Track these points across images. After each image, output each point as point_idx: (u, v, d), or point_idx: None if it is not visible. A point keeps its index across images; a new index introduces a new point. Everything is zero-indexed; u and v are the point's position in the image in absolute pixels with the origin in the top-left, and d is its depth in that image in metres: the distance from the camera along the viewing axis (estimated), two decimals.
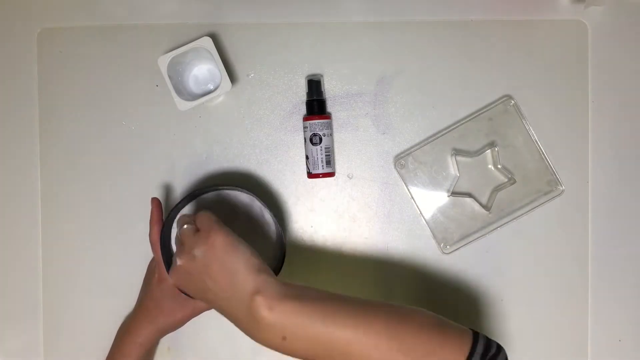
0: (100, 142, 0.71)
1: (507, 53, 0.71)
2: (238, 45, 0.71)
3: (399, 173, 0.70)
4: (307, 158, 0.69)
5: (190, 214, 0.58)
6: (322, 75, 0.71)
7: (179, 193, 0.71)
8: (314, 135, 0.68)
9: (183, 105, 0.65)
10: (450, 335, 0.49)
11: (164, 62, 0.64)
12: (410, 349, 0.47)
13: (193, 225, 0.55)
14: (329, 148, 0.68)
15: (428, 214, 0.70)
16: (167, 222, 0.62)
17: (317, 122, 0.68)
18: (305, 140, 0.69)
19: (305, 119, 0.69)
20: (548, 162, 0.70)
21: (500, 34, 0.71)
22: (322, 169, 0.68)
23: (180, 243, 0.55)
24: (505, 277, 0.71)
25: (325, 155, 0.68)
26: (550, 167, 0.70)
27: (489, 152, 0.70)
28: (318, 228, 0.71)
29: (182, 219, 0.56)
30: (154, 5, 0.71)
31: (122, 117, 0.71)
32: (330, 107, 0.71)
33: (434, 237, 0.70)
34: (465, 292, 0.71)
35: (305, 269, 0.71)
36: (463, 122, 0.70)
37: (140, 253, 0.68)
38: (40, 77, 0.71)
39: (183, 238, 0.55)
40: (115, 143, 0.71)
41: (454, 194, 0.70)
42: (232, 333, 0.70)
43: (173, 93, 0.64)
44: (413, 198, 0.70)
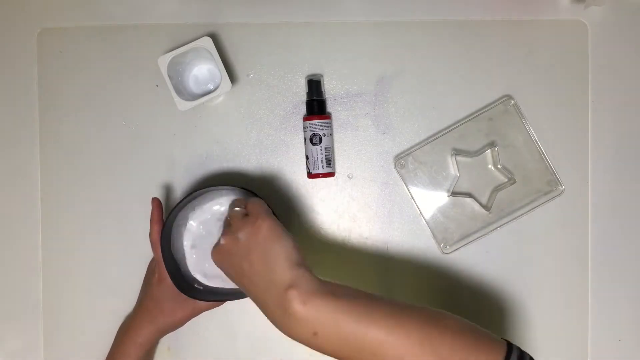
0: (100, 142, 0.71)
1: (507, 53, 0.71)
2: (238, 45, 0.71)
3: (399, 173, 0.70)
4: (307, 158, 0.69)
5: (243, 198, 0.58)
6: (322, 75, 0.71)
7: (179, 193, 0.71)
8: (314, 135, 0.68)
9: (183, 105, 0.65)
10: (485, 344, 0.48)
11: (164, 62, 0.64)
12: (443, 356, 0.46)
13: (243, 209, 0.55)
14: (329, 148, 0.68)
15: (428, 214, 0.70)
16: (167, 222, 0.62)
17: (317, 122, 0.68)
18: (305, 140, 0.69)
19: (305, 119, 0.69)
20: (548, 162, 0.70)
21: (500, 34, 0.71)
22: (322, 169, 0.68)
23: (228, 224, 0.56)
24: (505, 277, 0.71)
25: (325, 155, 0.68)
26: (550, 167, 0.70)
27: (489, 152, 0.70)
28: (318, 228, 0.71)
29: (234, 202, 0.57)
30: (154, 5, 0.71)
31: (122, 117, 0.71)
32: (330, 107, 0.71)
33: (434, 237, 0.70)
34: (465, 292, 0.71)
35: None
36: (463, 122, 0.70)
37: (140, 253, 0.68)
38: (40, 77, 0.71)
39: (232, 219, 0.55)
40: (115, 143, 0.71)
41: (454, 194, 0.70)
42: (232, 333, 0.71)
43: (173, 93, 0.64)
44: (413, 198, 0.70)
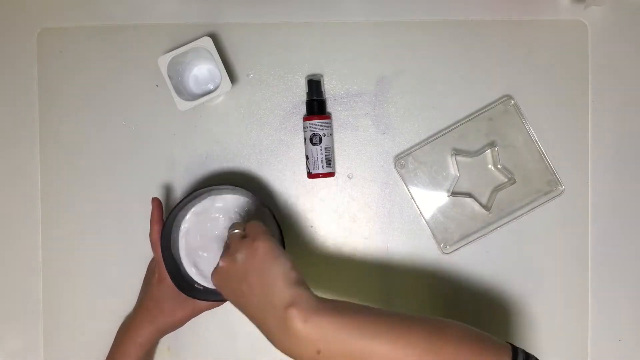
0: (100, 142, 0.71)
1: (507, 53, 0.71)
2: (238, 45, 0.71)
3: (399, 173, 0.70)
4: (307, 158, 0.69)
5: (242, 223, 0.59)
6: (322, 75, 0.71)
7: (179, 193, 0.71)
8: (314, 135, 0.68)
9: (183, 105, 0.65)
10: (489, 350, 0.48)
11: (164, 62, 0.64)
12: None
13: (242, 232, 0.56)
14: (329, 148, 0.68)
15: (428, 214, 0.70)
16: (167, 222, 0.62)
17: (317, 122, 0.68)
18: (305, 140, 0.69)
19: (305, 119, 0.69)
20: (548, 162, 0.70)
21: (500, 34, 0.71)
22: (322, 169, 0.68)
23: (226, 246, 0.56)
24: (505, 277, 0.71)
25: (325, 155, 0.68)
26: (550, 167, 0.70)
27: (489, 152, 0.70)
28: (318, 228, 0.71)
29: (233, 225, 0.57)
30: (154, 5, 0.71)
31: (122, 117, 0.71)
32: (330, 107, 0.71)
33: (434, 237, 0.70)
34: (465, 292, 0.71)
35: (305, 269, 0.70)
36: (463, 122, 0.70)
37: (140, 253, 0.68)
38: (40, 77, 0.71)
39: (230, 241, 0.56)
40: (115, 143, 0.71)
41: (454, 194, 0.70)
42: (232, 333, 0.71)
43: (173, 93, 0.64)
44: (413, 198, 0.70)
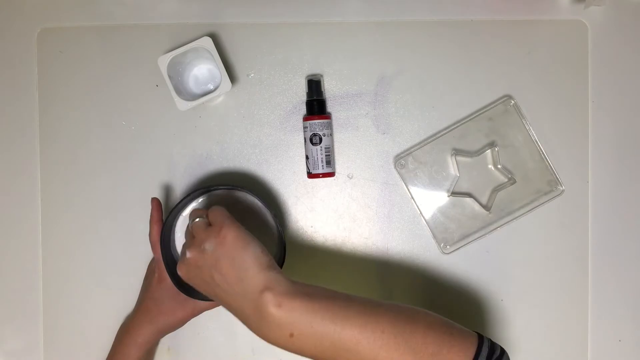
0: (100, 142, 0.71)
1: (507, 53, 0.71)
2: (238, 45, 0.71)
3: (399, 173, 0.70)
4: (307, 158, 0.69)
5: (203, 208, 0.57)
6: (322, 75, 0.71)
7: (179, 193, 0.71)
8: (314, 135, 0.68)
9: (183, 105, 0.65)
10: (457, 337, 0.49)
11: (164, 62, 0.64)
12: (417, 349, 0.47)
13: (205, 219, 0.55)
14: (329, 148, 0.68)
15: (428, 214, 0.70)
16: (167, 222, 0.62)
17: (317, 122, 0.68)
18: (305, 140, 0.69)
19: (305, 119, 0.69)
20: (548, 162, 0.70)
21: (500, 34, 0.71)
22: (322, 169, 0.68)
23: (191, 236, 0.55)
24: (505, 277, 0.71)
25: (325, 155, 0.68)
26: (550, 167, 0.70)
27: (489, 152, 0.70)
28: (318, 228, 0.71)
29: (194, 212, 0.56)
30: (154, 5, 0.71)
31: (122, 117, 0.71)
32: (330, 107, 0.71)
33: (434, 237, 0.70)
34: (465, 292, 0.71)
35: (305, 269, 0.71)
36: (463, 122, 0.70)
37: (140, 253, 0.68)
38: (40, 77, 0.71)
39: (194, 231, 0.54)
40: (115, 143, 0.71)
41: (454, 194, 0.70)
42: (232, 333, 0.71)
43: (173, 93, 0.64)
44: (413, 198, 0.70)
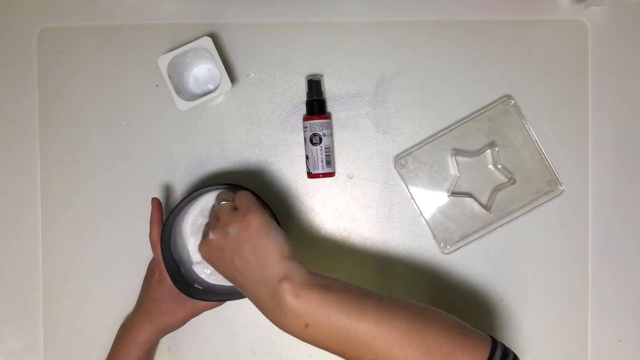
0: (100, 142, 0.71)
1: (507, 53, 0.71)
2: (238, 45, 0.71)
3: (399, 173, 0.70)
4: (307, 158, 0.69)
5: (230, 191, 0.57)
6: (322, 75, 0.71)
7: (179, 193, 0.71)
8: (314, 135, 0.68)
9: (183, 105, 0.65)
10: (470, 340, 0.49)
11: (164, 62, 0.64)
12: (431, 348, 0.47)
13: (231, 203, 0.55)
14: (329, 148, 0.68)
15: (428, 214, 0.70)
16: (167, 222, 0.62)
17: (317, 122, 0.68)
18: (305, 140, 0.69)
19: (305, 119, 0.69)
20: (548, 162, 0.70)
21: (500, 34, 0.71)
22: (322, 169, 0.68)
23: (216, 218, 0.55)
24: (505, 277, 0.71)
25: (325, 155, 0.68)
26: (550, 167, 0.70)
27: (489, 152, 0.70)
28: (318, 228, 0.71)
29: (221, 195, 0.56)
30: (154, 5, 0.71)
31: (122, 117, 0.71)
32: (330, 107, 0.71)
33: (434, 237, 0.70)
34: (465, 292, 0.71)
35: None
36: (463, 122, 0.70)
37: (140, 253, 0.68)
38: (40, 77, 0.71)
39: (220, 213, 0.55)
40: (115, 143, 0.71)
41: (454, 194, 0.70)
42: (232, 333, 0.71)
43: (173, 93, 0.64)
44: (413, 198, 0.70)
